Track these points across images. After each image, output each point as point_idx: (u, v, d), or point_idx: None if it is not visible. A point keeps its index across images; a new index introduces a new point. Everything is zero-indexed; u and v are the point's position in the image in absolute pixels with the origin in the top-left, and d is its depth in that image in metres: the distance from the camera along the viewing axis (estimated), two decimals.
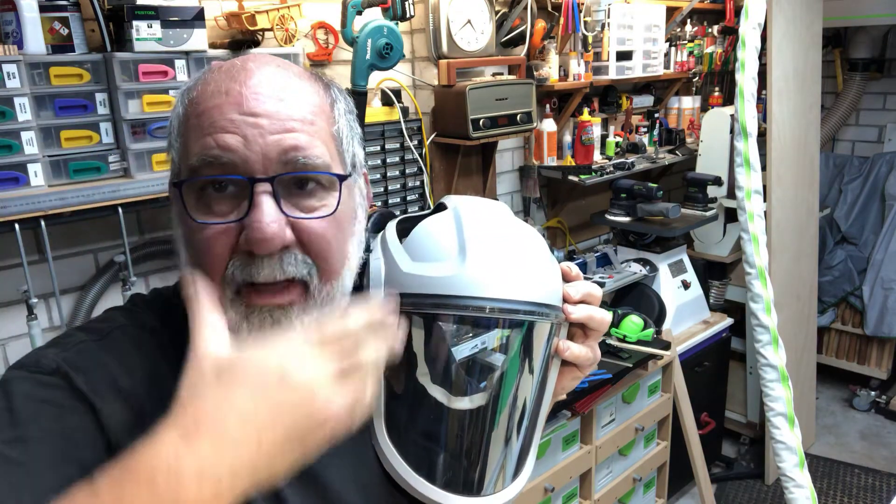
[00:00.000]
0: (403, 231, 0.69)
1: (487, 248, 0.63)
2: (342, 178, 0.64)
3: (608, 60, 2.64)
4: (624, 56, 2.70)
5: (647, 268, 2.73)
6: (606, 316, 0.70)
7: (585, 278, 2.53)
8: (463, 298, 0.60)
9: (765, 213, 2.39)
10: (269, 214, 0.59)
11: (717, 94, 3.37)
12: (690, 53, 3.09)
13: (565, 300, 0.67)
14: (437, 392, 0.66)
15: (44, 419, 0.57)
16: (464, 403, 0.66)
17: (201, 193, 0.61)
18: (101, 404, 0.60)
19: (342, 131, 0.67)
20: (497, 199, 2.53)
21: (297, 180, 0.62)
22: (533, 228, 0.69)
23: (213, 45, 1.65)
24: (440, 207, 0.71)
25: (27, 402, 0.58)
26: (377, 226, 0.75)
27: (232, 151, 0.59)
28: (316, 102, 0.64)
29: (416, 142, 2.20)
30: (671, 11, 2.96)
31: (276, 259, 0.61)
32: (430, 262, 0.63)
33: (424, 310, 0.62)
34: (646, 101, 3.13)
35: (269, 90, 0.61)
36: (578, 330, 0.69)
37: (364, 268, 0.68)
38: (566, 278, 0.68)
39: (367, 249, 0.69)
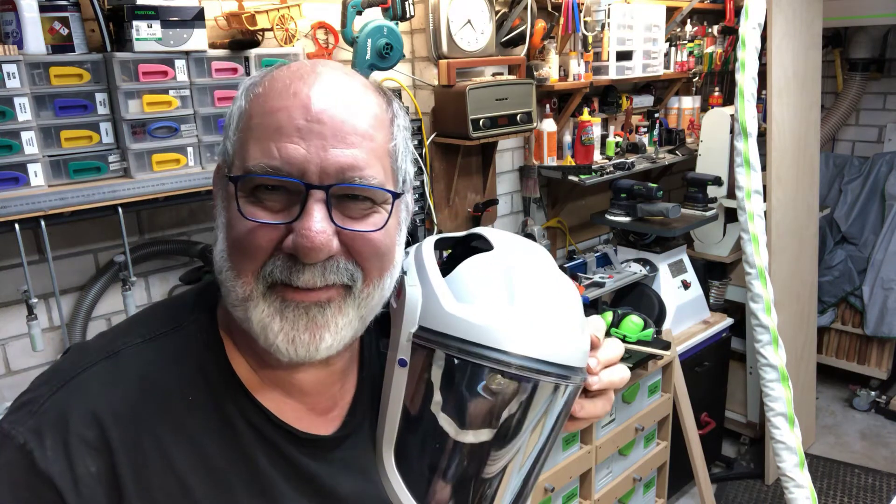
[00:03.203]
0: (442, 257, 0.70)
1: (533, 305, 0.63)
2: (396, 195, 0.65)
3: (608, 60, 2.64)
4: (624, 56, 2.69)
5: (647, 268, 2.73)
6: (626, 374, 0.71)
7: (586, 278, 2.50)
8: (502, 352, 0.61)
9: (765, 213, 2.39)
10: (320, 223, 0.59)
11: (717, 94, 3.37)
12: (690, 53, 3.09)
13: (588, 372, 0.68)
14: (450, 432, 0.66)
15: None
16: (477, 447, 0.67)
17: (255, 190, 0.61)
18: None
19: (398, 148, 0.67)
20: (497, 199, 2.53)
21: (351, 192, 0.62)
22: (571, 283, 0.69)
23: (213, 45, 1.65)
24: (475, 237, 0.72)
25: None
26: (410, 238, 0.75)
27: (292, 163, 0.59)
28: (378, 116, 0.64)
29: (415, 142, 2.20)
30: (671, 11, 2.95)
31: (320, 267, 0.61)
32: (474, 305, 0.62)
33: (463, 355, 0.61)
34: (646, 101, 3.13)
35: (336, 97, 0.61)
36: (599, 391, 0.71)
37: (397, 287, 0.68)
38: (592, 345, 0.69)
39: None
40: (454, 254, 0.74)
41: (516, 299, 0.62)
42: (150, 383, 0.64)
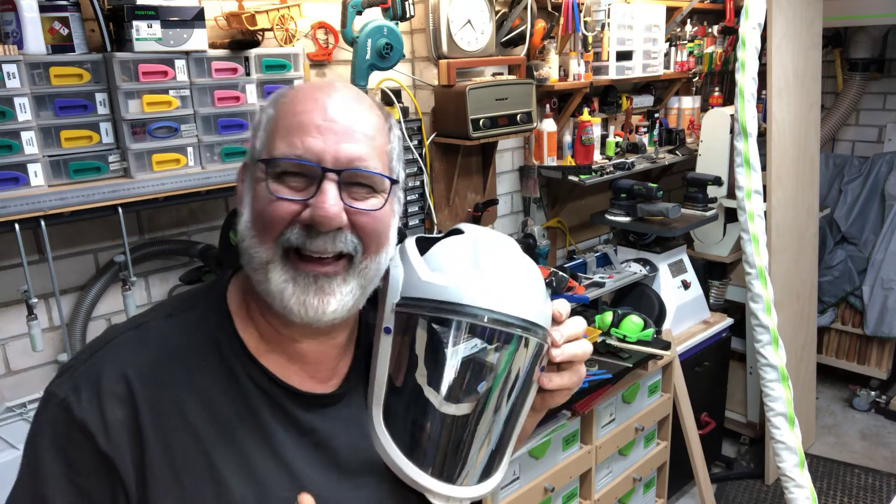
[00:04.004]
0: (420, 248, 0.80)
1: (496, 271, 0.74)
2: (392, 181, 0.79)
3: (608, 60, 2.64)
4: (624, 56, 2.69)
5: (647, 268, 2.73)
6: (588, 348, 0.81)
7: (586, 278, 2.51)
8: (467, 307, 0.71)
9: (765, 213, 2.39)
10: (333, 199, 0.73)
11: (717, 94, 3.37)
12: (690, 53, 3.09)
13: (552, 344, 0.77)
14: (430, 388, 0.77)
15: (69, 490, 0.71)
16: (452, 400, 0.77)
17: (280, 174, 0.74)
18: (116, 454, 0.71)
19: (394, 151, 0.82)
20: (497, 199, 2.53)
21: (357, 179, 0.75)
22: (536, 266, 0.79)
23: (213, 45, 1.65)
24: (455, 232, 0.81)
25: (53, 464, 0.71)
26: (400, 235, 0.86)
27: (312, 152, 0.73)
28: (379, 124, 0.79)
29: (416, 142, 2.20)
30: (671, 11, 2.96)
31: (331, 236, 0.74)
32: (445, 273, 0.73)
33: (435, 313, 0.73)
34: (646, 101, 3.13)
35: (348, 106, 0.76)
36: (565, 363, 0.80)
37: (386, 272, 0.80)
38: (555, 320, 0.79)
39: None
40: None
41: (481, 266, 0.74)
42: (169, 350, 0.76)
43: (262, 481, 0.75)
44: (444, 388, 0.76)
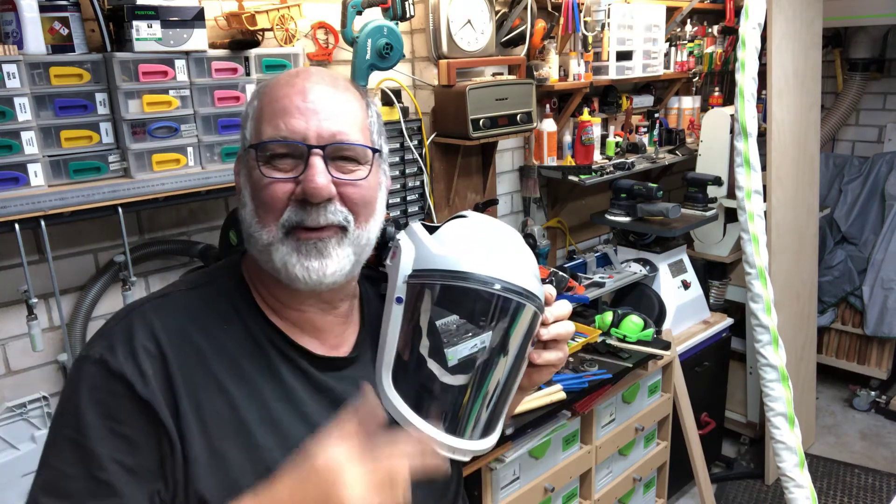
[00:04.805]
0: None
1: (501, 249, 0.83)
2: (375, 150, 0.86)
3: (608, 60, 2.64)
4: (624, 56, 2.69)
5: (647, 268, 2.73)
6: (571, 328, 0.88)
7: (586, 278, 2.52)
8: (477, 275, 0.78)
9: (765, 213, 2.39)
10: (320, 171, 0.79)
11: (717, 94, 3.37)
12: (690, 53, 3.09)
13: (543, 322, 0.85)
14: (437, 351, 0.86)
15: (113, 440, 0.74)
16: (459, 363, 0.86)
17: (270, 158, 0.81)
18: (155, 400, 0.76)
19: (374, 125, 0.88)
20: (497, 199, 2.54)
21: (341, 153, 0.82)
22: (532, 254, 0.88)
23: (213, 45, 1.65)
24: (456, 217, 0.87)
25: (95, 418, 0.75)
26: (397, 224, 0.94)
27: (296, 131, 0.80)
28: (356, 102, 0.86)
29: (416, 142, 2.20)
30: (671, 11, 2.95)
31: (322, 207, 0.80)
32: (454, 247, 0.81)
33: (448, 281, 0.79)
34: (646, 101, 3.13)
35: (325, 86, 0.83)
36: (551, 341, 0.87)
37: (383, 249, 0.88)
38: (546, 302, 0.85)
39: (391, 238, 0.88)
40: None
41: (486, 243, 0.82)
42: (193, 314, 0.83)
43: (284, 432, 0.81)
44: (447, 354, 0.84)
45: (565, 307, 0.88)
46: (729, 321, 2.93)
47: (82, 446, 0.73)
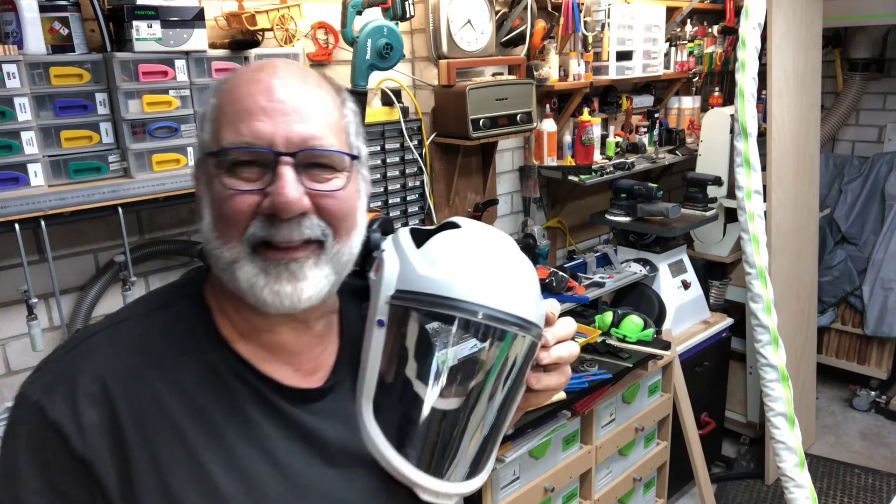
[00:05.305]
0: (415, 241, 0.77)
1: (496, 268, 0.73)
2: (352, 157, 0.75)
3: (608, 60, 2.64)
4: (624, 56, 2.69)
5: (647, 268, 2.73)
6: (575, 350, 0.79)
7: (586, 278, 2.51)
8: (466, 302, 0.69)
9: (765, 213, 2.39)
10: (291, 183, 0.69)
11: (717, 94, 3.37)
12: (690, 53, 3.09)
13: (543, 345, 0.76)
14: (422, 383, 0.75)
15: (47, 493, 0.68)
16: (445, 397, 0.75)
17: (232, 166, 0.70)
18: (93, 456, 0.68)
19: (350, 125, 0.78)
20: (497, 199, 2.53)
21: (314, 160, 0.72)
22: (532, 265, 0.78)
23: (213, 45, 1.65)
24: (448, 225, 0.79)
25: (29, 465, 0.69)
26: (384, 229, 0.83)
27: (261, 137, 0.69)
28: (330, 98, 0.75)
29: (416, 142, 2.20)
30: (671, 11, 2.95)
31: (296, 223, 0.70)
32: (442, 267, 0.71)
33: (433, 308, 0.70)
34: (646, 101, 3.13)
35: (294, 83, 0.72)
36: (552, 364, 0.78)
37: (367, 257, 0.78)
38: (547, 321, 0.77)
39: (376, 247, 0.78)
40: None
41: (480, 263, 0.72)
42: (146, 347, 0.73)
43: (250, 478, 0.73)
44: (437, 384, 0.74)
45: (569, 327, 0.79)
46: (729, 321, 2.93)
47: (15, 495, 0.68)
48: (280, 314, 0.73)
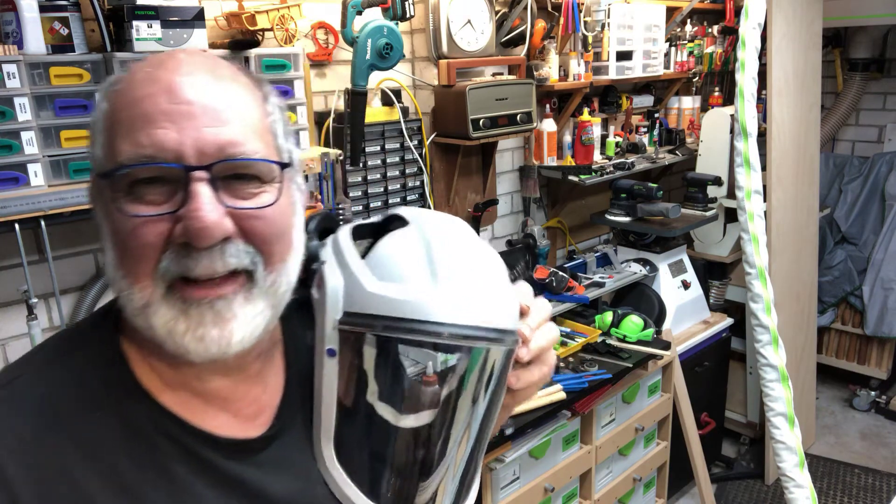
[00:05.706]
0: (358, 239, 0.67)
1: (456, 273, 0.62)
2: (283, 165, 0.62)
3: (608, 60, 2.64)
4: (624, 56, 2.69)
5: (647, 268, 2.73)
6: (555, 333, 0.70)
7: (586, 278, 2.49)
8: (427, 323, 0.59)
9: (765, 213, 2.39)
10: (208, 203, 0.56)
11: (717, 94, 3.37)
12: (690, 53, 3.09)
13: (522, 342, 0.66)
14: (388, 416, 0.65)
15: None
16: (419, 428, 0.66)
17: (132, 187, 0.57)
18: None
19: (277, 125, 0.64)
20: (497, 199, 2.53)
21: (235, 172, 0.59)
22: (492, 249, 0.68)
23: (213, 45, 1.65)
24: (393, 219, 0.69)
25: None
26: (321, 229, 0.71)
27: (166, 148, 0.56)
28: (249, 93, 0.62)
29: (416, 142, 2.20)
30: (671, 11, 2.95)
31: (217, 251, 0.58)
32: (396, 282, 0.60)
33: (390, 333, 0.60)
34: (646, 101, 3.13)
35: (202, 78, 0.59)
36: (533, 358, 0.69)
37: (309, 272, 0.66)
38: (522, 313, 0.67)
39: (315, 258, 0.66)
40: (377, 241, 0.68)
41: (438, 269, 0.61)
42: (50, 407, 0.60)
43: None
44: (407, 416, 0.64)
45: (544, 310, 0.69)
46: (729, 321, 2.93)
47: None
48: (208, 361, 0.61)
